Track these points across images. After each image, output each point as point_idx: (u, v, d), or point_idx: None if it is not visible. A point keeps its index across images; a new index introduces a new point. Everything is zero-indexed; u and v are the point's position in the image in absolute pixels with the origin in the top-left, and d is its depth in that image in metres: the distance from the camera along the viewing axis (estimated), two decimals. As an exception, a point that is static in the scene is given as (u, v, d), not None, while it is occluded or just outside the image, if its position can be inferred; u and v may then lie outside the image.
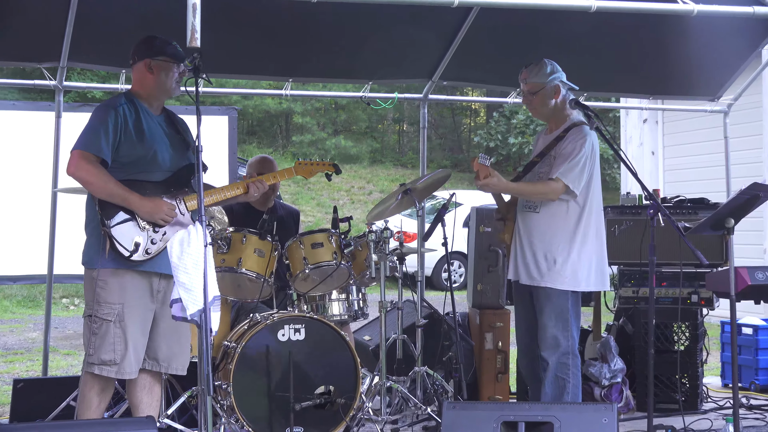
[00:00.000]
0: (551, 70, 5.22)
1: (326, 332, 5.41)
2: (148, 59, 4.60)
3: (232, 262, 5.41)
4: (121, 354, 4.46)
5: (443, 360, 6.10)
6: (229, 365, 5.19)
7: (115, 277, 4.45)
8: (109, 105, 4.54)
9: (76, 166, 4.41)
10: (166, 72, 4.60)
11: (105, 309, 4.45)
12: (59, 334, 10.76)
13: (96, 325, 4.45)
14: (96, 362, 4.46)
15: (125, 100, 4.58)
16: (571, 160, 5.05)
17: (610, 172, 22.86)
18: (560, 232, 5.13)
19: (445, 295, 5.95)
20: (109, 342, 4.44)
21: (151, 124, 4.59)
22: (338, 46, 6.87)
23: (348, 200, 22.37)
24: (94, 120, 4.49)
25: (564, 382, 5.11)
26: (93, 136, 4.43)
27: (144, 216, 4.45)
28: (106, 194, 4.41)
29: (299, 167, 5.27)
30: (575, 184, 5.05)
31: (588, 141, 5.09)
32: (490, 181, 5.00)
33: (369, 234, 5.70)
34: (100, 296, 4.45)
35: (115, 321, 4.44)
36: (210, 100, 21.09)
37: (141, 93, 4.65)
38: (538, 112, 5.37)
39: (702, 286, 6.30)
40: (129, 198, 4.42)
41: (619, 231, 6.49)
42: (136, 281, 4.50)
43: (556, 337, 5.11)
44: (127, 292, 4.47)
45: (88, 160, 4.40)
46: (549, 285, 5.12)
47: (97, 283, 4.45)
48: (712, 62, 7.37)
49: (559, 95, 5.23)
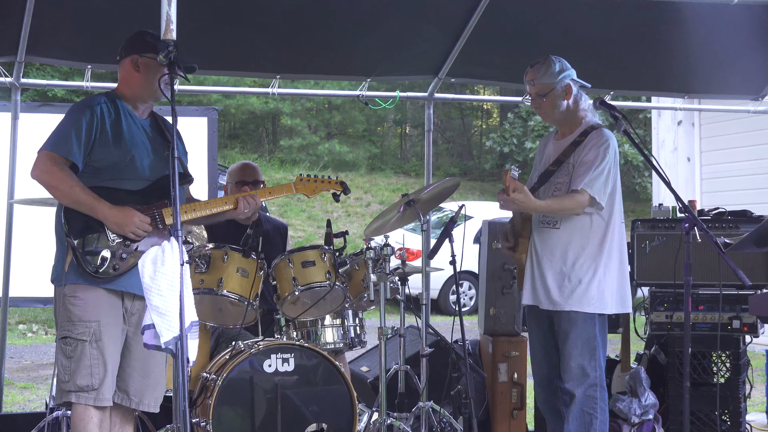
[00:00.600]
0: (560, 67, 5.25)
1: (318, 362, 5.41)
2: (135, 55, 4.61)
3: (212, 282, 5.41)
4: (100, 378, 4.44)
5: (451, 394, 6.10)
6: (208, 400, 5.18)
7: (89, 292, 4.45)
8: (86, 104, 4.55)
9: (40, 169, 4.41)
10: (154, 72, 4.58)
11: (80, 328, 4.43)
12: (15, 365, 10.74)
13: (70, 348, 4.44)
14: (72, 389, 4.43)
15: (106, 99, 4.58)
16: (595, 169, 5.06)
17: (641, 181, 22.88)
18: (585, 250, 5.15)
19: (453, 321, 5.95)
20: (86, 365, 4.42)
21: (132, 127, 4.60)
22: (333, 39, 6.90)
23: (343, 213, 22.40)
24: (67, 119, 4.49)
25: (591, 418, 5.11)
26: (64, 136, 4.44)
27: (112, 227, 4.44)
28: (71, 201, 4.40)
29: (300, 184, 5.19)
30: (601, 195, 5.08)
31: (611, 146, 5.11)
32: (517, 197, 4.98)
33: (367, 251, 5.70)
34: (73, 314, 4.44)
35: (91, 341, 4.43)
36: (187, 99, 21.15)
37: (126, 93, 4.66)
38: (549, 116, 5.38)
39: (744, 310, 6.30)
40: (96, 206, 4.41)
41: (650, 247, 6.50)
42: (111, 299, 4.50)
43: (583, 366, 5.12)
44: (102, 309, 4.46)
45: (55, 163, 4.39)
46: (575, 309, 5.12)
47: (69, 300, 4.44)
48: (754, 57, 7.39)
49: (571, 95, 5.26)
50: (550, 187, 5.29)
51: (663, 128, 14.55)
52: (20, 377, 10.08)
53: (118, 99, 4.62)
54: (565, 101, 5.25)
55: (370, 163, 27.73)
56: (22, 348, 12.02)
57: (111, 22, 4.99)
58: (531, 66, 5.31)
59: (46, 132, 4.55)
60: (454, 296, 12.86)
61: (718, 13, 6.33)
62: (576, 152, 5.19)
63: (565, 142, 5.30)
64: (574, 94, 5.25)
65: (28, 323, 13.59)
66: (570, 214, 5.15)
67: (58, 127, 4.51)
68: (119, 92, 4.67)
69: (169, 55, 4.08)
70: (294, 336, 5.77)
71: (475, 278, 12.09)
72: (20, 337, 12.93)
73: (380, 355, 5.74)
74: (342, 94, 10.75)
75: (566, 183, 5.19)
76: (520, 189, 5.00)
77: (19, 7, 5.93)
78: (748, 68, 7.60)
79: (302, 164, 24.90)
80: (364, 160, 27.27)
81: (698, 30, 6.74)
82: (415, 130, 31.69)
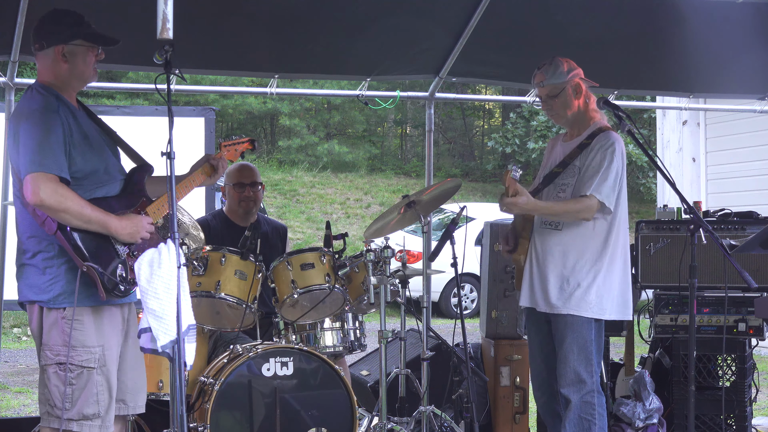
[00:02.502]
0: (569, 67, 5.25)
1: (318, 366, 5.42)
2: (61, 45, 4.32)
3: (210, 285, 5.42)
4: (106, 405, 4.31)
5: (452, 398, 6.10)
6: (205, 404, 5.18)
7: (92, 315, 4.28)
8: (47, 109, 4.23)
9: (41, 193, 4.06)
10: (83, 57, 4.38)
11: (84, 354, 4.25)
12: (10, 369, 10.76)
13: (72, 375, 4.24)
14: (75, 417, 4.25)
15: (54, 97, 4.29)
16: (603, 173, 5.07)
17: (645, 182, 22.89)
18: (586, 253, 5.15)
19: (454, 324, 5.95)
20: (92, 393, 4.27)
21: (87, 126, 4.39)
22: (332, 38, 6.89)
23: (343, 214, 22.41)
24: (37, 131, 4.16)
25: (589, 424, 5.13)
26: (46, 151, 4.13)
27: (125, 238, 4.26)
28: (82, 221, 4.14)
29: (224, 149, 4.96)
30: (610, 200, 5.09)
31: (618, 149, 5.12)
32: (518, 200, 5.02)
33: (367, 253, 5.71)
34: (76, 339, 4.23)
35: (98, 368, 4.28)
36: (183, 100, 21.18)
37: (57, 84, 4.35)
38: (561, 118, 5.38)
39: (750, 313, 6.30)
40: (107, 222, 4.20)
41: (654, 249, 6.50)
42: (113, 316, 4.36)
43: (579, 372, 5.13)
44: (105, 331, 4.31)
45: (55, 183, 4.09)
46: (572, 312, 5.13)
47: (71, 324, 4.20)
48: (760, 55, 7.39)
49: (582, 94, 5.26)
50: (555, 189, 5.30)
51: (668, 128, 14.56)
52: (15, 381, 10.08)
53: (58, 94, 4.34)
54: (576, 101, 5.25)
55: (370, 163, 27.75)
56: (17, 352, 12.02)
57: (106, 20, 4.98)
58: (538, 68, 5.31)
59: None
60: (456, 299, 12.88)
61: (724, 12, 6.33)
62: (582, 155, 5.20)
63: (572, 144, 5.31)
64: (584, 93, 5.26)
65: (22, 327, 13.59)
66: (576, 219, 5.14)
67: (33, 141, 4.14)
68: (49, 84, 4.35)
69: (165, 54, 4.06)
70: (293, 339, 5.77)
71: (476, 281, 12.10)
72: (15, 341, 12.94)
73: (380, 359, 5.75)
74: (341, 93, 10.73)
75: (571, 185, 5.19)
76: (521, 192, 5.01)
77: (12, 6, 5.93)
78: (754, 67, 7.60)
79: (301, 165, 24.93)
80: (364, 161, 27.29)
81: (703, 28, 6.74)
82: (416, 130, 31.73)
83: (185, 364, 3.91)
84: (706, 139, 13.80)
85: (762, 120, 9.34)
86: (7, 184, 6.69)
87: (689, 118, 13.70)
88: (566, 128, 5.46)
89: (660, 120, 15.03)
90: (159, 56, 4.06)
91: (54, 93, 4.31)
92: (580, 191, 5.13)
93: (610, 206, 5.10)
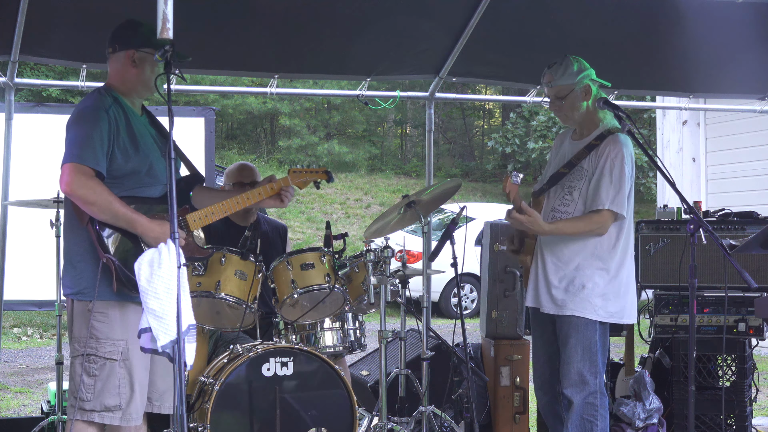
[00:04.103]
0: (579, 67, 5.22)
1: (318, 366, 5.42)
2: (132, 50, 4.51)
3: (210, 285, 5.42)
4: (127, 398, 4.40)
5: (452, 398, 6.11)
6: (205, 404, 5.18)
7: (117, 309, 4.38)
8: (97, 107, 4.40)
9: (73, 183, 4.23)
10: (151, 66, 4.53)
11: (107, 346, 4.37)
12: (10, 369, 10.75)
13: (95, 366, 4.36)
14: (97, 409, 4.37)
15: (111, 98, 4.46)
16: (616, 184, 5.07)
17: (645, 182, 22.88)
18: (592, 254, 5.15)
19: (454, 324, 5.95)
20: (114, 385, 4.38)
21: (140, 129, 4.51)
22: (332, 37, 6.90)
23: (343, 214, 22.41)
24: (83, 125, 4.33)
25: (591, 425, 5.12)
26: (86, 144, 4.28)
27: (151, 241, 4.33)
28: (110, 216, 4.27)
29: (294, 176, 5.14)
30: (623, 208, 5.10)
31: (628, 154, 5.11)
32: (524, 221, 5.06)
33: (367, 253, 5.71)
34: (101, 331, 4.36)
35: (121, 360, 4.38)
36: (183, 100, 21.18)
37: (120, 88, 4.54)
38: (569, 119, 5.36)
39: (750, 313, 6.30)
40: (135, 220, 4.31)
41: (654, 249, 6.50)
42: (138, 313, 4.31)
43: (582, 373, 5.13)
44: (130, 326, 4.36)
45: (87, 176, 4.24)
46: (577, 313, 5.13)
47: (95, 317, 4.34)
48: (760, 55, 7.40)
49: (590, 96, 5.24)
50: (560, 190, 5.29)
51: (668, 128, 14.56)
52: (15, 381, 10.08)
53: (119, 97, 4.50)
54: (584, 102, 5.23)
55: (370, 163, 27.74)
56: (17, 352, 12.03)
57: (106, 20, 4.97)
58: (548, 67, 5.28)
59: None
60: (456, 299, 12.88)
61: (724, 12, 6.33)
62: (590, 158, 5.17)
63: (580, 144, 5.28)
64: (593, 94, 5.23)
65: (22, 327, 13.60)
66: (591, 236, 5.13)
67: (77, 134, 4.33)
68: (113, 87, 4.54)
69: (165, 54, 4.07)
70: (293, 339, 5.77)
71: (476, 281, 12.10)
72: (15, 341, 12.94)
73: (381, 359, 5.75)
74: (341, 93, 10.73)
75: (578, 188, 5.17)
76: (530, 213, 5.02)
77: (12, 6, 5.93)
78: (754, 67, 7.60)
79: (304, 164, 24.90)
80: (364, 161, 27.29)
81: (703, 28, 6.74)
82: (416, 130, 31.72)
83: (185, 364, 3.92)
84: (706, 139, 13.80)
85: (762, 120, 9.34)
86: (8, 184, 6.70)
87: (689, 118, 13.71)
88: (574, 128, 5.44)
89: (660, 120, 15.03)
90: (160, 56, 4.08)
91: (113, 95, 4.49)
92: (593, 204, 5.11)
93: (624, 215, 5.11)
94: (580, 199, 5.19)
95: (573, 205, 5.22)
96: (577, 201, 5.20)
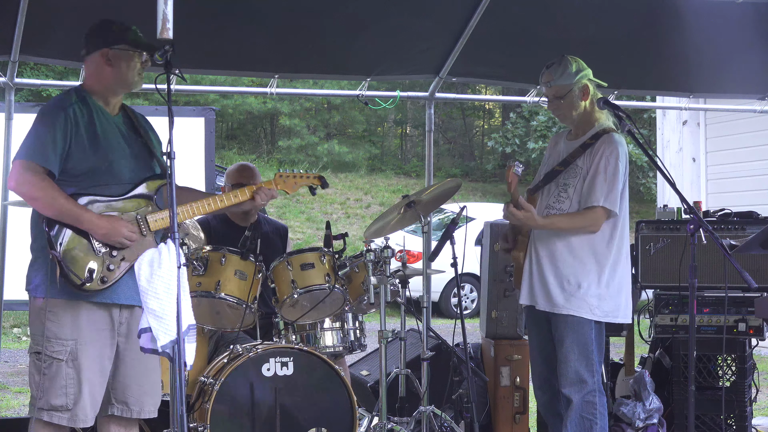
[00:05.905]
0: (577, 67, 5.23)
1: (318, 366, 5.42)
2: (105, 49, 4.52)
3: (210, 285, 5.42)
4: (74, 398, 4.39)
5: (452, 398, 6.10)
6: (206, 404, 5.19)
7: (68, 309, 4.38)
8: (57, 106, 4.44)
9: (18, 180, 4.32)
10: (127, 62, 4.53)
11: (55, 346, 4.38)
12: (10, 369, 10.75)
13: (45, 365, 4.37)
14: (45, 407, 4.38)
15: (76, 98, 4.48)
16: (610, 182, 5.07)
17: (645, 182, 22.90)
18: (588, 253, 5.15)
19: (454, 324, 5.95)
20: (60, 384, 4.38)
21: (106, 128, 4.51)
22: (332, 37, 6.90)
23: (343, 214, 22.41)
24: (40, 124, 4.39)
25: (590, 424, 5.13)
26: (38, 143, 4.33)
27: (99, 238, 4.36)
28: (54, 212, 4.31)
29: (280, 180, 5.15)
30: (616, 205, 5.10)
31: (622, 153, 5.12)
32: (521, 216, 5.06)
33: (367, 253, 5.71)
34: (50, 331, 4.37)
35: (68, 360, 4.37)
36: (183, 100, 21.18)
37: (96, 88, 4.56)
38: (567, 118, 5.37)
39: (750, 313, 6.30)
40: (82, 216, 4.33)
41: (654, 249, 6.50)
42: (93, 313, 4.42)
43: (580, 372, 5.13)
44: (82, 327, 4.39)
45: (33, 172, 4.29)
46: (573, 313, 5.13)
47: (47, 316, 4.36)
48: (760, 55, 7.40)
49: (588, 95, 5.25)
50: (555, 187, 5.30)
51: (668, 128, 14.56)
52: (15, 381, 10.08)
53: (88, 96, 4.52)
54: (582, 102, 5.24)
55: (370, 163, 27.75)
56: (17, 352, 12.01)
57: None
58: (547, 67, 5.29)
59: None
60: (456, 299, 12.88)
61: (724, 12, 6.33)
62: (585, 156, 5.19)
63: (575, 143, 5.30)
64: (591, 94, 5.25)
65: (22, 327, 13.58)
66: (584, 232, 5.14)
67: (31, 132, 4.39)
68: (89, 88, 4.56)
69: (165, 54, 4.07)
70: (293, 339, 5.78)
71: (476, 281, 12.10)
72: (15, 341, 12.92)
73: (381, 359, 5.75)
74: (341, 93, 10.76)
75: (573, 185, 5.19)
76: (527, 207, 5.03)
77: (12, 6, 5.93)
78: (754, 67, 7.60)
79: (301, 165, 24.89)
80: (364, 161, 27.29)
81: (703, 28, 6.74)
82: (416, 130, 31.73)
83: (185, 364, 3.92)
84: (706, 139, 13.81)
85: (762, 120, 9.34)
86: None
87: (689, 118, 13.71)
88: (571, 127, 5.45)
89: (660, 120, 15.04)
90: (159, 56, 4.08)
91: (82, 94, 4.52)
92: (587, 201, 5.13)
93: (617, 212, 5.11)
94: (574, 196, 5.20)
95: (567, 202, 5.23)
96: (571, 198, 5.21)
